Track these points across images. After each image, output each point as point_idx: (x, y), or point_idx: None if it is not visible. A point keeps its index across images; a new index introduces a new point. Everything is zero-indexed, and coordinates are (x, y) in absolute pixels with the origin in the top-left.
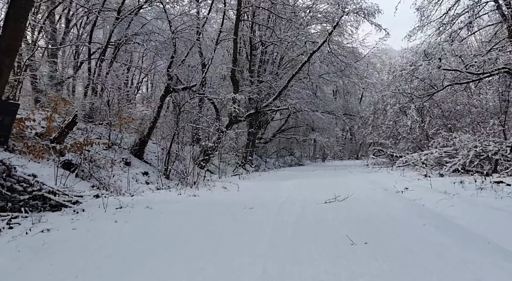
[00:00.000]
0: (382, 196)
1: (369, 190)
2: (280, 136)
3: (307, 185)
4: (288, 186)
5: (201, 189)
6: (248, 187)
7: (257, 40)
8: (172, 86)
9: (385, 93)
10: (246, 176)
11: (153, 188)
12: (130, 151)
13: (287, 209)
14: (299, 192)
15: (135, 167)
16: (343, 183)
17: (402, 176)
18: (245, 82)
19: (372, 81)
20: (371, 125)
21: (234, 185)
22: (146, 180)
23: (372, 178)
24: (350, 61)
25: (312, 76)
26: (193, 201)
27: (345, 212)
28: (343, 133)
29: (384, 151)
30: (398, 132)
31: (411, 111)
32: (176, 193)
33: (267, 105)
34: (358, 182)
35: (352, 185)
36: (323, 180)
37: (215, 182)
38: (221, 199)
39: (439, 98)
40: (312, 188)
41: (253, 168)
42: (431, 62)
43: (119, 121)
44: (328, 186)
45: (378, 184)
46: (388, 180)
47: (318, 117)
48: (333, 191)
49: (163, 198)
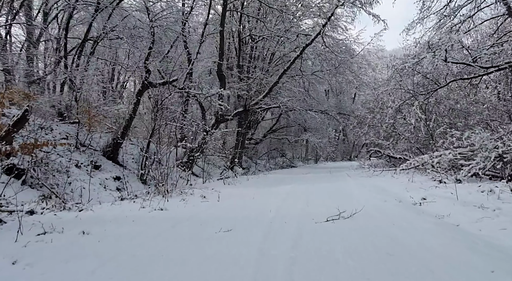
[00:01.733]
0: (398, 210)
1: (379, 201)
2: (271, 137)
3: (301, 192)
4: (279, 194)
5: (174, 198)
6: (232, 195)
7: (247, 34)
8: (149, 80)
9: (384, 89)
10: (233, 180)
11: (123, 197)
12: (102, 153)
13: (277, 232)
14: (292, 203)
15: (107, 171)
16: (343, 190)
17: (411, 181)
18: (234, 79)
19: (366, 80)
20: (367, 125)
21: (216, 193)
22: (118, 186)
23: (377, 184)
24: (345, 55)
25: (305, 73)
26: (155, 219)
27: (357, 238)
28: (336, 134)
29: (381, 152)
30: (395, 132)
31: (415, 108)
32: (140, 206)
33: (256, 102)
34: (361, 190)
35: (355, 194)
36: (319, 186)
37: (194, 189)
38: (194, 214)
39: (444, 96)
40: (307, 197)
41: (242, 170)
42: (437, 53)
43: (88, 119)
44: (326, 194)
45: (387, 193)
46: (397, 187)
47: (311, 116)
48: (333, 202)
49: (118, 213)
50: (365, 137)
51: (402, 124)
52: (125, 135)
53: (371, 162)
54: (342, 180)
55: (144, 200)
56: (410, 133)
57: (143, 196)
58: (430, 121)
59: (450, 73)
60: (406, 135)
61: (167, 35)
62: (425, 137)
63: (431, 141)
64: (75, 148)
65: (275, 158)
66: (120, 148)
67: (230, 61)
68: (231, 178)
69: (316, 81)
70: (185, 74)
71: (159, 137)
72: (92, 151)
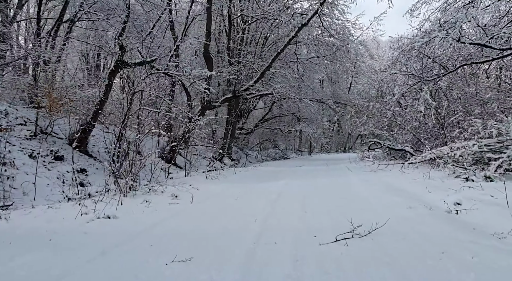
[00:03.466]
0: (435, 224)
1: (401, 208)
2: (263, 127)
3: (296, 191)
4: (270, 193)
5: (136, 198)
6: (211, 194)
7: (237, 14)
8: (123, 59)
9: (388, 73)
10: (217, 174)
11: (70, 197)
12: (68, 142)
13: (262, 264)
14: (285, 208)
15: (71, 162)
16: (348, 188)
17: (428, 178)
18: (224, 64)
19: (364, 68)
20: (366, 114)
21: (193, 191)
22: (82, 181)
23: (387, 181)
24: (344, 38)
25: (300, 58)
26: (87, 236)
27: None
28: (330, 124)
29: (381, 144)
30: (395, 121)
31: (424, 94)
32: (80, 212)
33: (247, 88)
34: (370, 189)
35: (364, 195)
36: (317, 183)
37: (167, 186)
38: (150, 225)
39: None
40: (304, 199)
41: (232, 162)
42: (451, 32)
43: (49, 102)
44: (328, 194)
45: (405, 194)
46: (413, 185)
47: (305, 105)
48: (339, 206)
49: (40, 225)
50: (363, 127)
51: (408, 112)
52: (95, 121)
53: (375, 154)
54: (342, 175)
55: (95, 201)
56: (418, 122)
57: (101, 195)
58: (442, 109)
59: (460, 57)
60: (414, 125)
61: (149, 13)
62: (436, 126)
63: (442, 131)
64: (33, 135)
65: (267, 149)
66: (90, 136)
67: (220, 46)
68: (217, 171)
69: (311, 69)
70: (170, 55)
71: (139, 124)
72: (56, 140)
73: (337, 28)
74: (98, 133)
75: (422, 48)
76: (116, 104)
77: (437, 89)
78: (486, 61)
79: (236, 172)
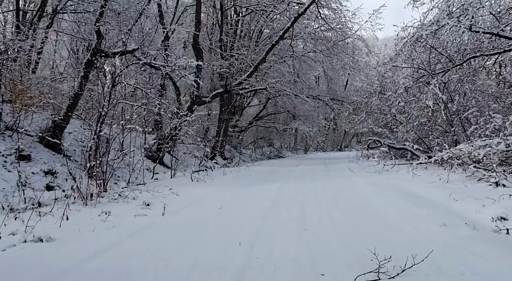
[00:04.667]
0: (490, 252)
1: (435, 227)
2: (257, 125)
3: (293, 196)
4: (261, 200)
5: (97, 208)
6: (192, 200)
7: (230, 5)
8: (101, 48)
9: (391, 65)
10: (205, 175)
11: (25, 205)
12: (39, 139)
13: None
14: (280, 222)
15: (39, 163)
16: (354, 195)
17: (446, 181)
18: (216, 57)
19: (362, 63)
20: (365, 111)
21: (170, 197)
22: (50, 183)
23: (398, 185)
24: (342, 30)
25: (296, 51)
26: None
27: None
28: (326, 122)
29: (381, 142)
30: (395, 118)
31: (432, 87)
32: (11, 230)
33: (240, 82)
34: (382, 195)
35: (377, 203)
36: (317, 187)
37: (141, 191)
38: (88, 256)
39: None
40: (303, 207)
41: (224, 161)
42: (463, 18)
43: (14, 95)
44: (332, 203)
45: (427, 203)
46: (433, 191)
47: (301, 102)
48: (349, 222)
49: None
50: (362, 125)
51: (413, 107)
52: (69, 116)
53: (379, 154)
54: (344, 177)
55: (40, 214)
56: (427, 118)
57: (56, 203)
58: (452, 103)
59: (468, 50)
60: (421, 121)
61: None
62: (445, 123)
63: (451, 128)
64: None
65: (261, 148)
66: (65, 133)
67: (212, 39)
68: (205, 171)
69: (307, 65)
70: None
71: (128, 120)
72: (25, 137)
73: (334, 22)
74: (77, 130)
75: (428, 39)
76: (97, 98)
77: (446, 82)
78: (497, 53)
79: (226, 173)
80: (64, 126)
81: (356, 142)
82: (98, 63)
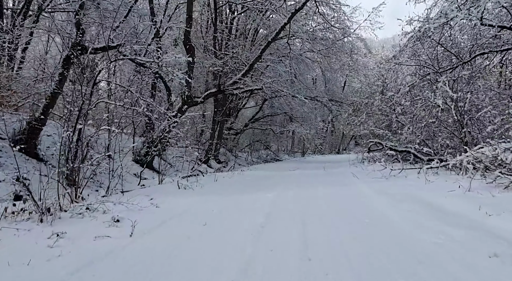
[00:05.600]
0: None
1: (485, 260)
2: (253, 127)
3: (292, 208)
4: (254, 212)
5: (54, 226)
6: (172, 214)
7: (225, 1)
8: (82, 43)
9: (395, 62)
10: (194, 182)
11: None
12: (12, 142)
13: None
14: (276, 246)
15: (9, 168)
16: (366, 206)
17: (468, 190)
18: (209, 55)
19: (361, 63)
20: (365, 112)
21: (148, 210)
22: (19, 192)
23: (417, 195)
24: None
25: (294, 51)
26: None
27: None
28: (324, 125)
29: (382, 145)
30: (398, 120)
31: (441, 85)
32: None
33: (234, 82)
34: (400, 209)
35: (395, 220)
36: (318, 194)
37: (116, 203)
38: None
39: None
40: (304, 225)
41: (219, 165)
42: (474, 10)
43: None
44: (338, 215)
45: (460, 221)
46: (457, 202)
47: (299, 103)
48: (364, 244)
49: None
50: (362, 127)
51: (420, 107)
52: (45, 117)
53: (385, 157)
54: (348, 183)
55: None
56: (435, 118)
57: (7, 219)
58: (464, 102)
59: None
60: (430, 122)
61: None
62: (455, 123)
63: (462, 129)
64: None
65: (258, 151)
66: (41, 136)
67: (205, 38)
68: (195, 177)
69: (305, 65)
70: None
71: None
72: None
73: (332, 21)
74: (57, 132)
75: (436, 34)
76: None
77: (454, 80)
78: (507, 50)
79: (218, 179)
80: (40, 128)
81: (354, 145)
82: (78, 59)
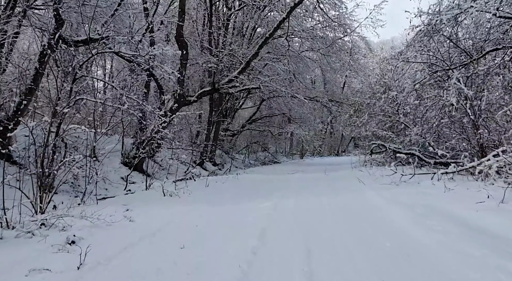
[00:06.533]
0: None
1: None
2: (251, 128)
3: (292, 223)
4: (247, 228)
5: None
6: (147, 233)
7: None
8: (62, 35)
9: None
10: (183, 187)
11: None
12: None
13: None
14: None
15: None
16: (381, 222)
17: (502, 202)
18: (205, 53)
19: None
20: (367, 113)
21: (118, 226)
22: None
23: (442, 208)
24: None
25: (292, 49)
26: None
27: None
28: (323, 126)
29: (386, 147)
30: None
31: (455, 82)
32: None
33: (230, 80)
34: (425, 226)
35: (428, 245)
36: (322, 203)
37: (81, 217)
38: None
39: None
40: (308, 249)
41: (215, 168)
42: (490, 1)
43: None
44: (349, 235)
45: (509, 247)
46: (495, 219)
47: (298, 103)
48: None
49: None
50: (364, 128)
51: (431, 106)
52: (18, 117)
53: (396, 161)
54: (355, 190)
55: None
56: (448, 118)
57: None
58: (480, 100)
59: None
60: (442, 122)
61: None
62: (470, 123)
63: (478, 130)
64: None
65: (255, 153)
66: (15, 136)
67: (201, 34)
68: (184, 181)
69: (304, 64)
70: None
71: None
72: None
73: (332, 17)
74: (36, 133)
75: (448, 26)
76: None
77: (468, 76)
78: None
79: (210, 183)
80: (13, 128)
81: (353, 147)
82: (56, 53)
